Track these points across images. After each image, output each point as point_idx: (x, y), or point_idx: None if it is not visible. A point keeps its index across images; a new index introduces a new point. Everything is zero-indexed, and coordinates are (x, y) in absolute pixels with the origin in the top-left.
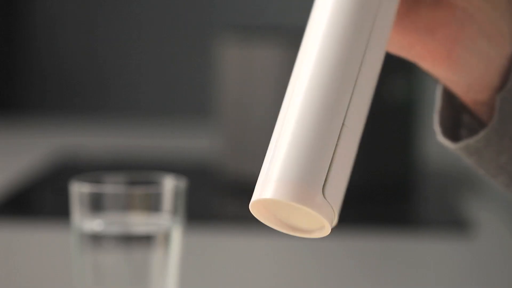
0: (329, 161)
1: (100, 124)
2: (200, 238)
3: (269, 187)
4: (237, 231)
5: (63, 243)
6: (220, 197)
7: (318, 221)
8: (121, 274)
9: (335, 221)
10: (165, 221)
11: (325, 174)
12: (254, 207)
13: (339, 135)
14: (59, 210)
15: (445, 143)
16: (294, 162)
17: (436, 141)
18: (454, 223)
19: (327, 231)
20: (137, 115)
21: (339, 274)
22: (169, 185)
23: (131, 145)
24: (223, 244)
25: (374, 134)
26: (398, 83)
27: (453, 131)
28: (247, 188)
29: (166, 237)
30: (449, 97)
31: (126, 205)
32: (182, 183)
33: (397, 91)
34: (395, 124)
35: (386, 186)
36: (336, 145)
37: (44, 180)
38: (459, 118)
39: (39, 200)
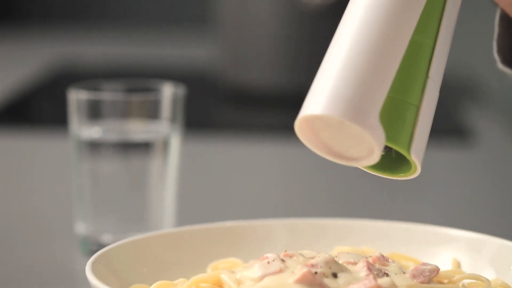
0: (389, 85)
1: (99, 32)
2: (199, 145)
3: (319, 103)
4: (235, 138)
5: (62, 150)
6: (218, 105)
7: (368, 145)
8: (119, 181)
9: (418, 170)
10: (164, 129)
11: (384, 97)
12: (299, 126)
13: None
14: (57, 118)
15: (505, 70)
16: (352, 81)
17: None
18: (455, 131)
19: (376, 157)
20: (136, 23)
21: (338, 180)
22: (168, 92)
23: (130, 54)
24: (222, 151)
25: None
26: None
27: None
28: (246, 95)
29: (165, 145)
30: (508, 23)
31: (125, 112)
32: (181, 90)
33: None
34: None
35: None
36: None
37: (42, 88)
38: None
39: (37, 108)
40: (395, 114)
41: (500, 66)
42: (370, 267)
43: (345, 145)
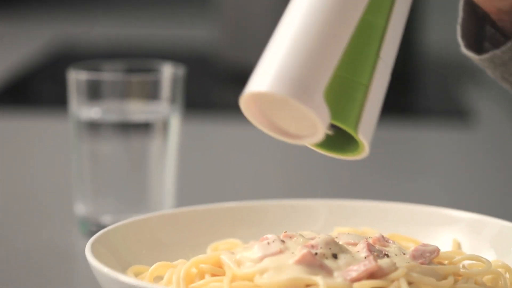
0: (335, 63)
1: (99, 13)
2: (199, 126)
3: (264, 80)
4: (235, 118)
5: (61, 131)
6: (218, 85)
7: (312, 124)
8: (119, 162)
9: (366, 149)
10: (164, 109)
11: (329, 75)
12: (244, 102)
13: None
14: (57, 99)
15: (469, 55)
16: (297, 59)
17: (437, 30)
18: (455, 112)
19: (320, 135)
20: (136, 3)
21: (338, 161)
22: (167, 72)
23: (129, 34)
24: (221, 131)
25: None
26: None
27: (476, 44)
28: (246, 76)
29: (165, 125)
30: (471, 8)
31: (124, 92)
32: (181, 71)
33: None
34: None
35: None
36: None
37: (42, 69)
38: (482, 31)
39: (37, 89)
40: (343, 92)
41: (464, 50)
42: (370, 248)
43: (290, 122)
